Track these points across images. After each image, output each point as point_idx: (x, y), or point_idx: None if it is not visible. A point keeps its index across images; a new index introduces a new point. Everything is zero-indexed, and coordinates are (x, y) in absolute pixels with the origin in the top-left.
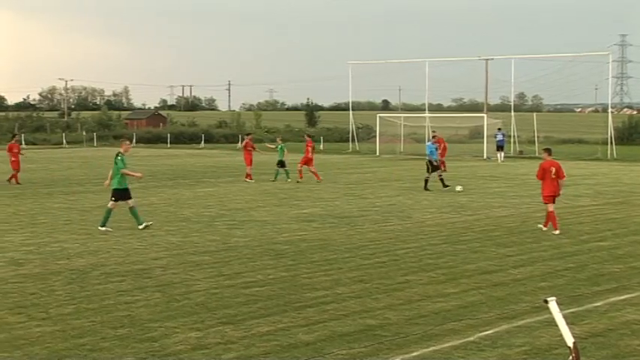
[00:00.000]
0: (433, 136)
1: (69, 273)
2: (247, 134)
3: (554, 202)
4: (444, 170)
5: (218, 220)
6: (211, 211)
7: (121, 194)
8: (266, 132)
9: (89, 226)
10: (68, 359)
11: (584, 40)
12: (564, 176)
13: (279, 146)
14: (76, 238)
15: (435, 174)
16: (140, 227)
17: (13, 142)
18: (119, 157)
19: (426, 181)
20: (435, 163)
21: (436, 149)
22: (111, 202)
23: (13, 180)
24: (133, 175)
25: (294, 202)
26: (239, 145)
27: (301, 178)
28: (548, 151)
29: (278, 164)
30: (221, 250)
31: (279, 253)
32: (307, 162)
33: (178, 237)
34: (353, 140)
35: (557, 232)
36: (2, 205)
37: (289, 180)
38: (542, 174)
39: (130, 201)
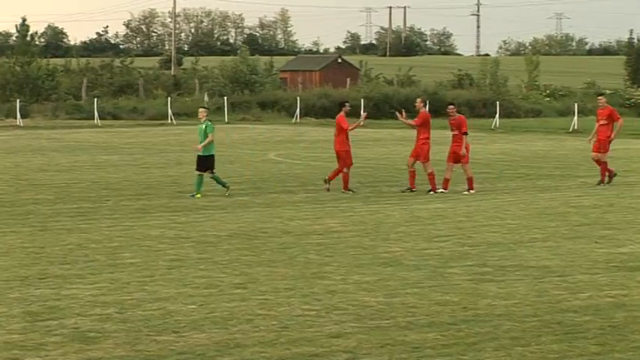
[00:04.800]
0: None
1: (178, 359)
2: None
3: None
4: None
5: (454, 263)
6: (442, 245)
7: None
8: (546, 96)
9: (215, 273)
10: None
11: None
12: None
13: (205, 125)
14: (191, 293)
15: None
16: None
17: (342, 114)
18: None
19: None
20: None
21: None
22: None
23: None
24: None
25: (601, 232)
26: (495, 121)
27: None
28: None
29: (199, 165)
30: (460, 321)
31: (574, 329)
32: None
33: (378, 295)
34: None
35: None
36: (58, 231)
37: (228, 193)
38: None
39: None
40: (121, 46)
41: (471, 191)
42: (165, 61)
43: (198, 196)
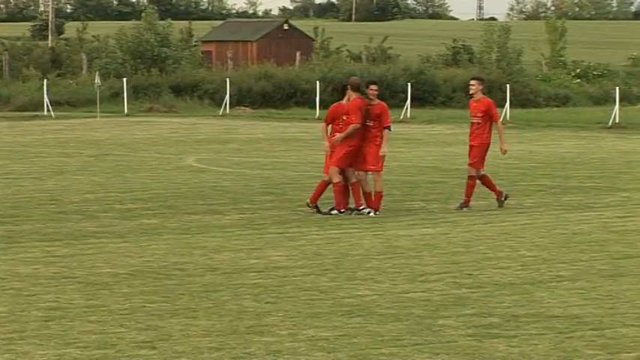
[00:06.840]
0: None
1: None
2: None
3: None
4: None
5: (448, 312)
6: (431, 287)
7: None
8: (576, 77)
9: (110, 326)
10: None
11: None
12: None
13: None
14: (77, 355)
15: None
16: None
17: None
18: None
19: None
20: None
21: None
22: None
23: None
24: None
25: None
26: (505, 111)
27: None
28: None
29: None
30: None
31: None
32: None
33: (341, 357)
34: None
35: None
36: None
37: None
38: None
39: None
40: None
41: (376, 213)
42: (39, 28)
43: None
